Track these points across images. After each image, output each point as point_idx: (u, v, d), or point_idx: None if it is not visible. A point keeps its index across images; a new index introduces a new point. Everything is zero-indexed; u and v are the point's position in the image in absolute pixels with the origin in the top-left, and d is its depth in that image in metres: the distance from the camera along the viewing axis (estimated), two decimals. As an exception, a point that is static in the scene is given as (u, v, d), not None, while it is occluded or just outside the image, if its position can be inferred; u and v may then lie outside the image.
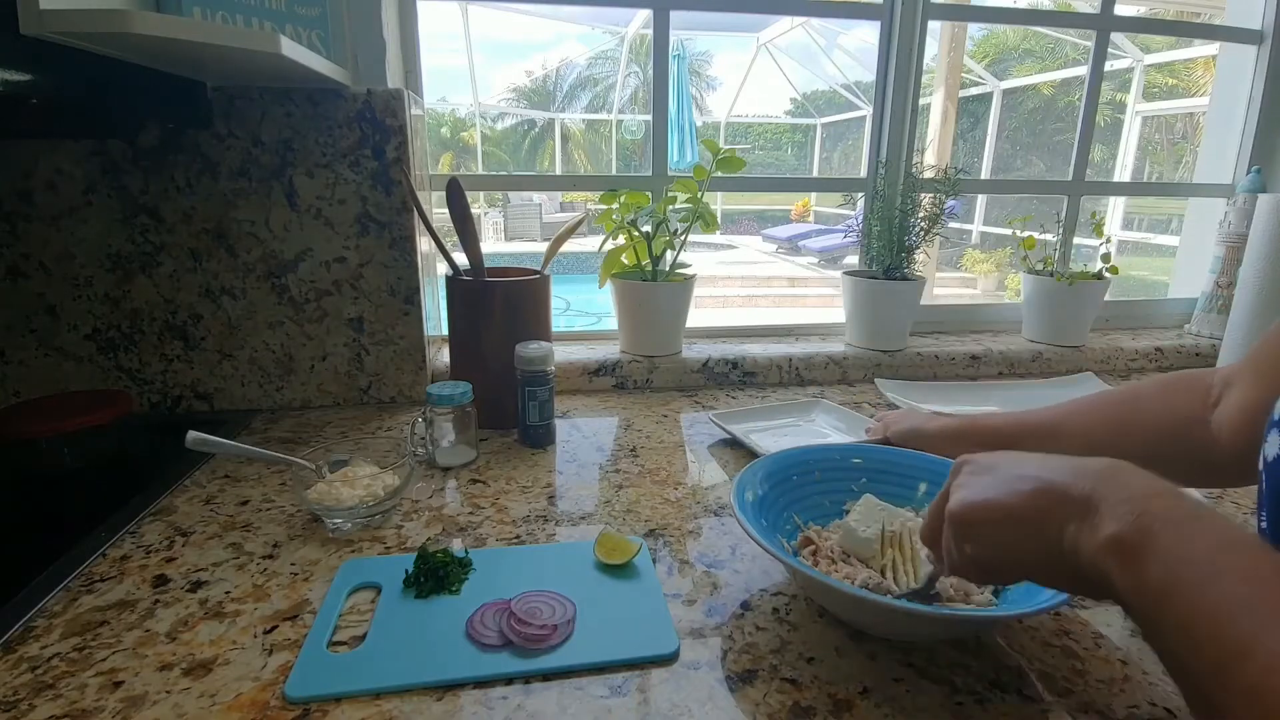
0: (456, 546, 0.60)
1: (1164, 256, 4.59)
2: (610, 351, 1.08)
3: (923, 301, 1.18)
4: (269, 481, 0.73)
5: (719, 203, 9.04)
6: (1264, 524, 0.37)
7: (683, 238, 1.06)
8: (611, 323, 1.12)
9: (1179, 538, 0.29)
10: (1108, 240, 1.21)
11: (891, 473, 0.64)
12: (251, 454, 0.65)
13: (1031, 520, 0.36)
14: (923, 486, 0.62)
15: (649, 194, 1.09)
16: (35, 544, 0.62)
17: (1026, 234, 1.22)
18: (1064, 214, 1.28)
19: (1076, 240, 1.31)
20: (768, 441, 0.84)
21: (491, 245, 8.18)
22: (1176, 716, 0.43)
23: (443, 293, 0.94)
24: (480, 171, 7.87)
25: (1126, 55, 5.76)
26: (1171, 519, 0.30)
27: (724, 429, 0.86)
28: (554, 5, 1.52)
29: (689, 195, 1.04)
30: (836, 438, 0.87)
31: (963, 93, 6.73)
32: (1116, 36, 2.42)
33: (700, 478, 0.76)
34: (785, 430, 0.89)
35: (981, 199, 6.64)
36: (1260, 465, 0.37)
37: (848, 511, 0.59)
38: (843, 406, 0.94)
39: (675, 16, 1.09)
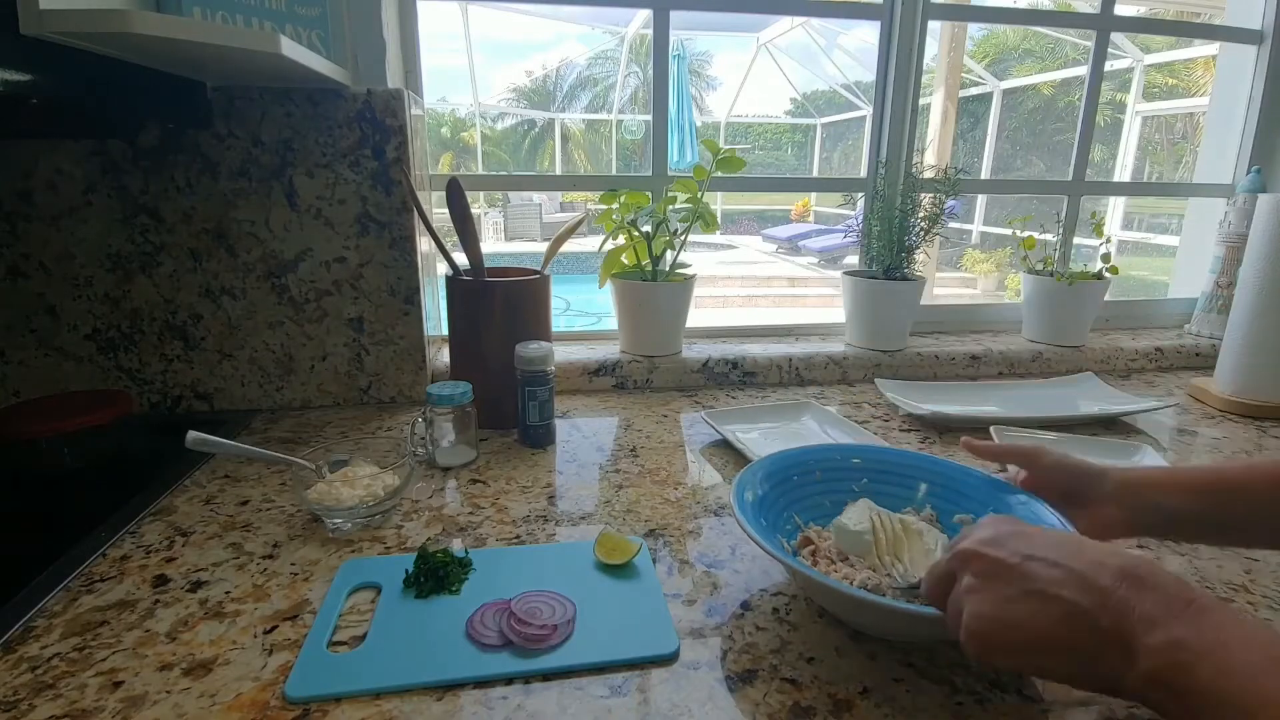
0: (456, 546, 0.60)
1: (1164, 256, 4.59)
2: (610, 351, 1.08)
3: (923, 301, 1.18)
4: (269, 481, 0.73)
5: (719, 203, 9.04)
6: None
7: (683, 238, 1.06)
8: (611, 323, 1.12)
9: (1217, 670, 0.29)
10: (1108, 240, 1.21)
11: (892, 473, 0.63)
12: (251, 454, 0.65)
13: (1061, 649, 0.34)
14: (923, 487, 0.62)
15: (649, 194, 1.09)
16: (35, 544, 0.62)
17: (1026, 234, 1.22)
18: (1064, 214, 1.28)
19: (1076, 240, 1.31)
20: (758, 440, 0.84)
21: (491, 245, 8.18)
22: (1176, 716, 0.43)
23: (443, 293, 0.94)
24: (480, 171, 7.87)
25: (1126, 55, 5.76)
26: (1205, 646, 0.30)
27: (715, 428, 0.86)
28: (554, 5, 1.52)
29: (689, 195, 1.04)
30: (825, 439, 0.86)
31: (963, 93, 6.73)
32: (1116, 36, 2.42)
33: (700, 478, 0.76)
34: (775, 432, 0.89)
35: (981, 199, 6.64)
36: None
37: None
38: (829, 409, 0.94)
39: (675, 16, 1.09)
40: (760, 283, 6.59)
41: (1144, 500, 0.51)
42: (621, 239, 1.04)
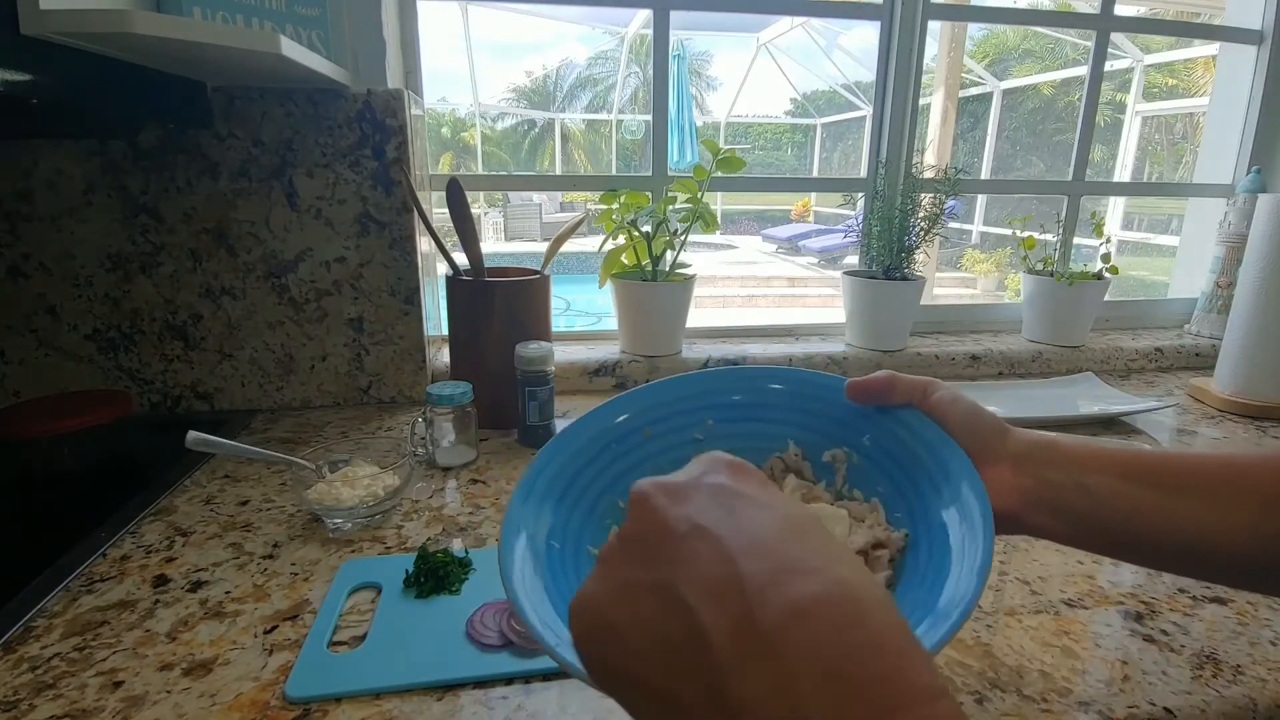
0: (456, 546, 0.60)
1: (1164, 256, 4.59)
2: (610, 351, 1.08)
3: (923, 301, 1.18)
4: (269, 481, 0.73)
5: (719, 203, 9.05)
6: None
7: (683, 238, 1.06)
8: (611, 323, 1.12)
9: None
10: (1108, 240, 1.21)
11: (740, 406, 0.46)
12: (251, 454, 0.65)
13: (653, 698, 0.21)
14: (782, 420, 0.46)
15: (649, 194, 1.09)
16: (35, 544, 0.62)
17: (1026, 234, 1.22)
18: (1064, 214, 1.28)
19: (1076, 240, 1.31)
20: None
21: (491, 245, 8.18)
22: (1176, 716, 0.43)
23: (443, 293, 0.94)
24: (480, 171, 7.87)
25: (1126, 55, 5.76)
26: None
27: None
28: (554, 5, 1.52)
29: (689, 195, 1.04)
30: None
31: (963, 93, 6.73)
32: (1116, 36, 2.43)
33: (700, 478, 0.76)
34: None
35: (981, 199, 6.65)
36: None
37: None
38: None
39: (675, 16, 1.09)
40: (760, 283, 6.59)
41: (1061, 473, 0.37)
42: (621, 239, 1.04)
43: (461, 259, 0.89)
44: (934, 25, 1.36)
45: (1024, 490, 0.37)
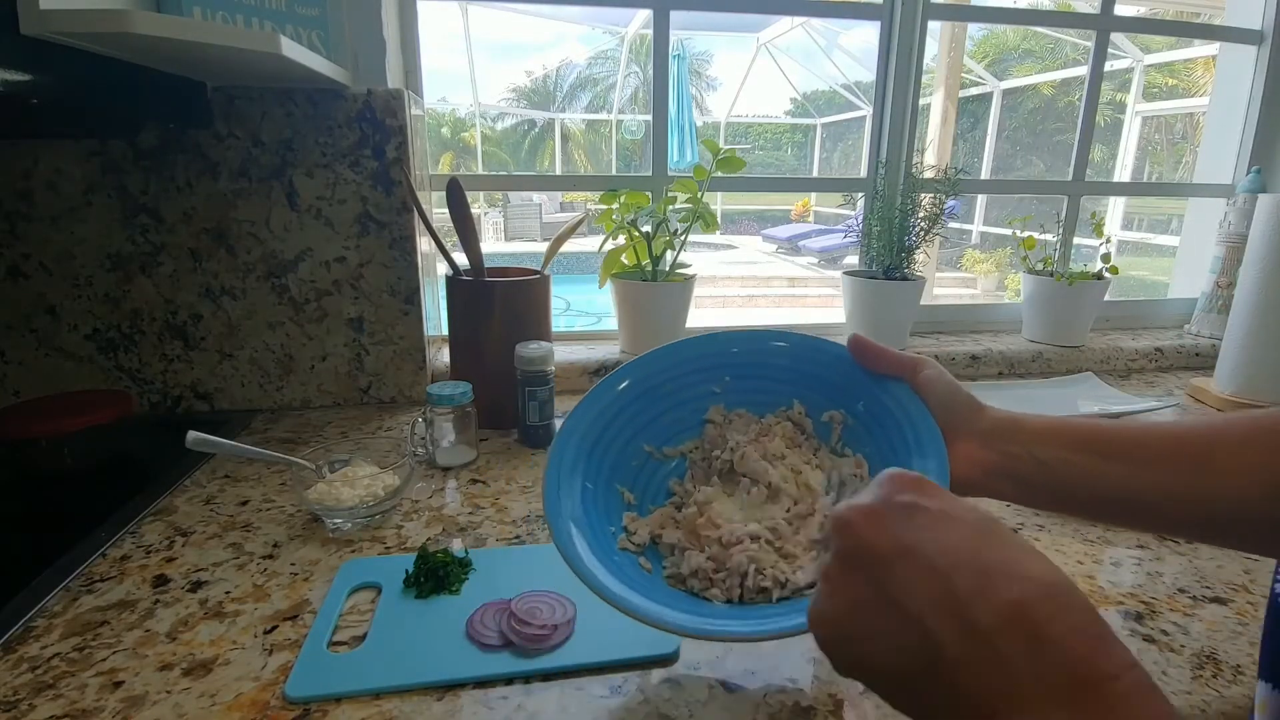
0: (456, 546, 0.60)
1: (1164, 256, 4.59)
2: (610, 351, 1.08)
3: (923, 301, 1.18)
4: (269, 481, 0.73)
5: (719, 203, 9.05)
6: None
7: (683, 238, 1.06)
8: (611, 323, 1.12)
9: None
10: (1108, 240, 1.21)
11: (754, 363, 0.52)
12: (251, 454, 0.65)
13: (907, 689, 0.26)
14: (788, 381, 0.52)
15: (649, 194, 1.09)
16: (35, 544, 0.62)
17: (1026, 234, 1.22)
18: (1064, 214, 1.28)
19: (1076, 240, 1.31)
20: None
21: (491, 245, 8.18)
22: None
23: (443, 293, 0.94)
24: (480, 171, 7.87)
25: (1126, 55, 5.77)
26: None
27: None
28: (554, 5, 1.52)
29: (689, 195, 1.04)
30: None
31: (963, 93, 6.73)
32: (1116, 36, 2.43)
33: (700, 478, 0.76)
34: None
35: (981, 199, 6.65)
36: None
37: (708, 421, 0.51)
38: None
39: (675, 16, 1.09)
40: (760, 283, 6.59)
41: (1020, 447, 0.41)
42: (621, 239, 1.04)
43: (461, 259, 0.89)
44: (934, 25, 1.36)
45: (986, 463, 0.42)
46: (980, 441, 0.43)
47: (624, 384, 0.51)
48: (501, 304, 0.85)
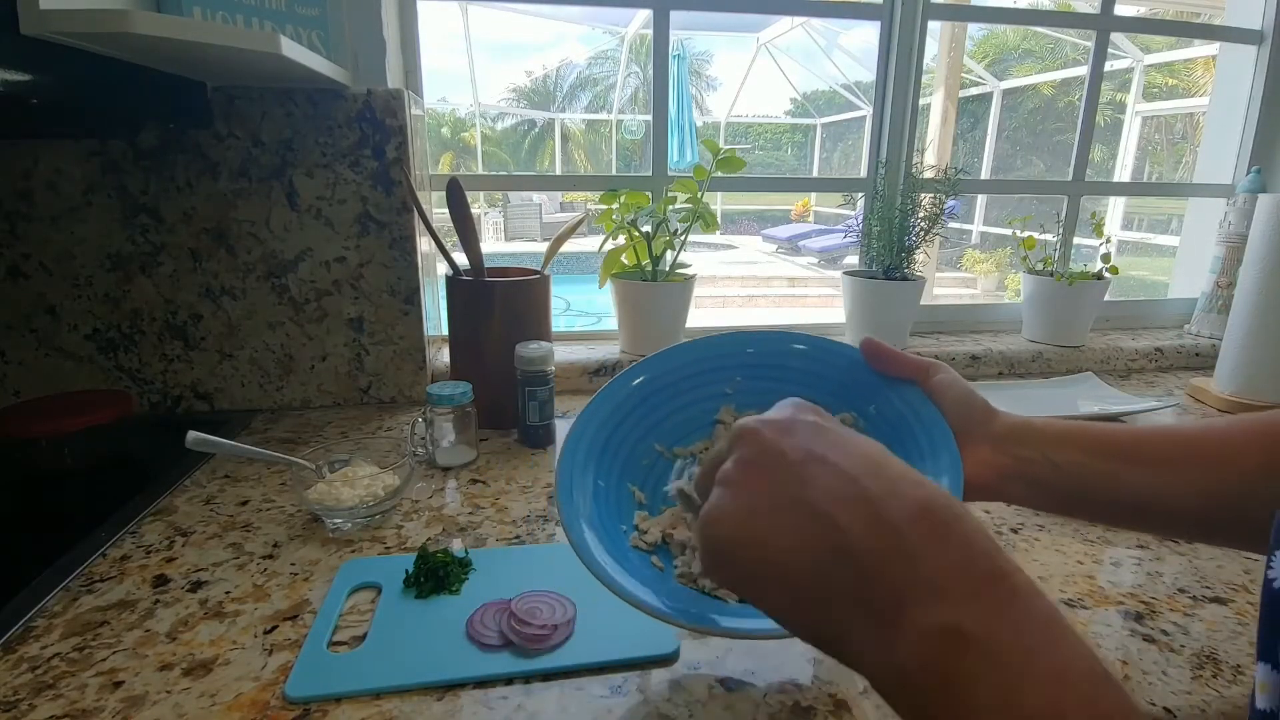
0: (456, 546, 0.60)
1: (1164, 256, 4.59)
2: (610, 351, 1.08)
3: (923, 301, 1.18)
4: (269, 481, 0.73)
5: (719, 203, 9.06)
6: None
7: (683, 238, 1.06)
8: (611, 323, 1.12)
9: (1002, 692, 0.21)
10: (1108, 240, 1.21)
11: (766, 364, 0.52)
12: (251, 454, 0.65)
13: (803, 586, 0.26)
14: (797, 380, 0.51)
15: (649, 194, 1.09)
16: (35, 544, 0.62)
17: (1026, 234, 1.22)
18: (1064, 214, 1.28)
19: (1076, 240, 1.31)
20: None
21: (491, 245, 8.18)
22: (1176, 716, 0.43)
23: (443, 293, 0.94)
24: (480, 171, 7.87)
25: (1126, 55, 5.77)
26: (999, 649, 0.22)
27: None
28: (554, 5, 1.52)
29: (689, 195, 1.04)
30: None
31: (963, 93, 6.74)
32: (1116, 36, 2.43)
33: (700, 478, 0.76)
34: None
35: (981, 199, 6.65)
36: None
37: (719, 422, 0.51)
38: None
39: (675, 16, 1.09)
40: (760, 283, 6.60)
41: (1033, 451, 0.41)
42: (621, 239, 1.04)
43: (461, 259, 0.89)
44: (934, 25, 1.36)
45: (1000, 467, 0.42)
46: (994, 445, 0.43)
47: (638, 380, 0.51)
48: (501, 304, 0.85)
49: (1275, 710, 0.29)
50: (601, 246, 1.05)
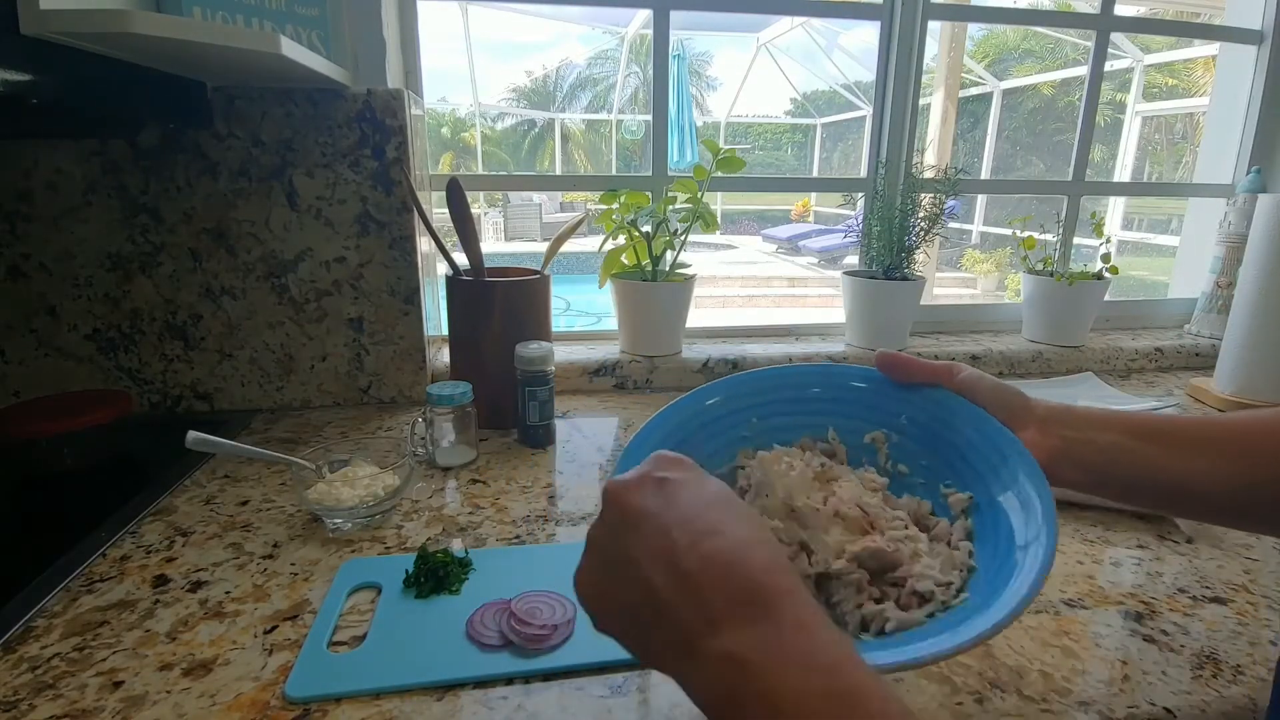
0: (456, 546, 0.60)
1: (1164, 256, 4.59)
2: (610, 351, 1.08)
3: (923, 301, 1.18)
4: (269, 481, 0.73)
5: (719, 203, 9.05)
6: None
7: (683, 238, 1.06)
8: (611, 323, 1.12)
9: (760, 696, 0.24)
10: (1108, 240, 1.21)
11: (781, 401, 0.50)
12: (251, 454, 0.65)
13: (644, 629, 0.30)
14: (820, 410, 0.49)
15: (649, 194, 1.09)
16: (35, 544, 0.62)
17: (1026, 234, 1.22)
18: (1064, 214, 1.28)
19: (1076, 240, 1.31)
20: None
21: (491, 245, 8.18)
22: (1176, 716, 0.43)
23: (443, 293, 0.94)
24: (480, 171, 7.87)
25: (1126, 55, 5.77)
26: (757, 662, 0.25)
27: None
28: (554, 5, 1.52)
29: (689, 195, 1.04)
30: None
31: (963, 93, 6.74)
32: (1116, 36, 2.43)
33: (700, 478, 0.76)
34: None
35: (981, 199, 6.64)
36: None
37: (740, 468, 0.48)
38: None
39: (675, 16, 1.09)
40: (760, 283, 6.59)
41: (1076, 432, 0.42)
42: (621, 239, 1.04)
43: (461, 259, 0.89)
44: (934, 25, 1.36)
45: (1050, 448, 0.42)
46: (1039, 428, 0.43)
47: (662, 431, 0.48)
48: (501, 304, 0.85)
49: None
50: (601, 246, 1.05)
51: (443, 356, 1.02)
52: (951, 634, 0.34)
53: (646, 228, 1.04)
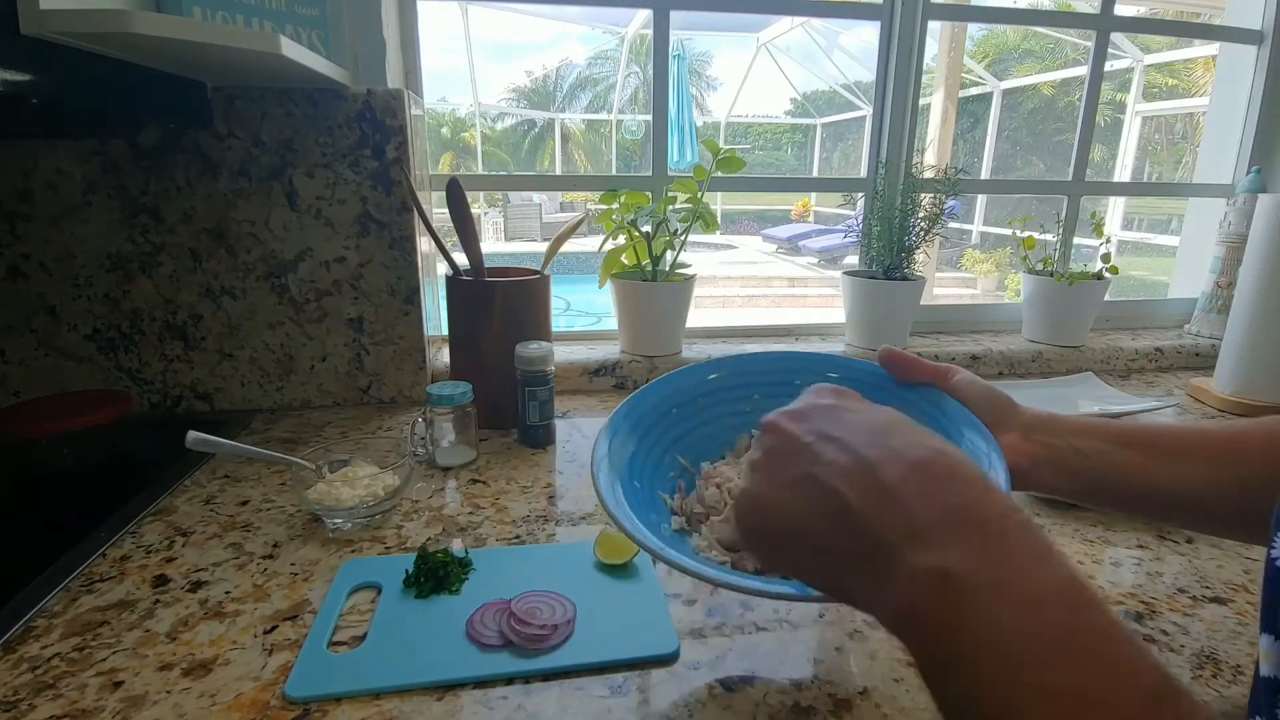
0: (456, 546, 0.60)
1: (1164, 256, 4.59)
2: (610, 351, 1.08)
3: (923, 301, 1.18)
4: (269, 481, 0.73)
5: (719, 203, 9.05)
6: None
7: (683, 238, 1.06)
8: (611, 323, 1.12)
9: (987, 622, 0.23)
10: (1108, 240, 1.21)
11: (782, 383, 0.54)
12: (251, 454, 0.65)
13: (821, 550, 0.29)
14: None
15: (649, 194, 1.09)
16: (35, 544, 0.62)
17: (1026, 234, 1.22)
18: (1064, 214, 1.28)
19: (1076, 240, 1.31)
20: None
21: (491, 245, 8.18)
22: (1176, 716, 0.43)
23: (443, 293, 0.94)
24: (480, 171, 7.87)
25: (1126, 55, 5.77)
26: (982, 585, 0.23)
27: None
28: (554, 5, 1.52)
29: (689, 195, 1.04)
30: None
31: (963, 93, 6.74)
32: (1116, 36, 2.43)
33: (700, 478, 0.76)
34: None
35: (981, 199, 6.65)
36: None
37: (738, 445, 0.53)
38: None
39: (675, 16, 1.09)
40: (760, 283, 6.59)
41: (1059, 439, 0.44)
42: (621, 239, 1.04)
43: (461, 259, 0.89)
44: (934, 25, 1.36)
45: (1031, 454, 0.44)
46: (1022, 434, 0.45)
47: (664, 393, 0.54)
48: (501, 304, 0.85)
49: (1278, 677, 0.30)
50: (601, 246, 1.05)
51: (443, 356, 1.02)
52: None
53: (646, 228, 1.04)
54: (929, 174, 1.12)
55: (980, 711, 0.22)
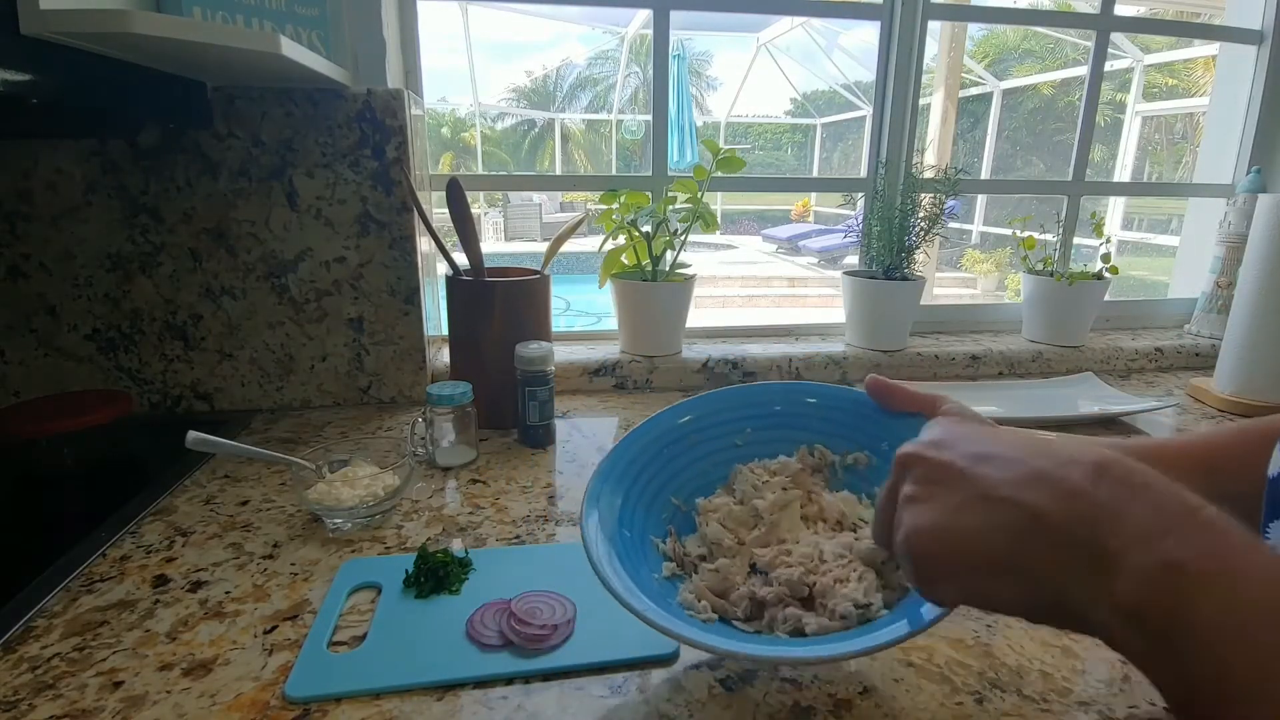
0: (456, 546, 0.60)
1: (1164, 256, 4.59)
2: (610, 351, 1.08)
3: (923, 301, 1.18)
4: (269, 481, 0.73)
5: (719, 203, 9.05)
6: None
7: (683, 238, 1.06)
8: (611, 323, 1.12)
9: (1222, 605, 0.23)
10: (1108, 240, 1.21)
11: (772, 416, 0.54)
12: (251, 454, 0.65)
13: (1018, 568, 0.28)
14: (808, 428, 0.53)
15: (649, 194, 1.09)
16: (35, 544, 0.62)
17: (1026, 234, 1.22)
18: (1064, 214, 1.28)
19: (1076, 240, 1.31)
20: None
21: (491, 245, 8.18)
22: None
23: (443, 293, 0.94)
24: (480, 171, 7.86)
25: (1126, 55, 5.77)
26: (1210, 572, 0.24)
27: None
28: (554, 5, 1.52)
29: (689, 195, 1.04)
30: None
31: (963, 93, 6.74)
32: (1116, 36, 2.43)
33: (700, 478, 0.76)
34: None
35: (981, 199, 6.64)
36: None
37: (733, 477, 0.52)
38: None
39: (675, 16, 1.09)
40: (760, 283, 6.59)
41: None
42: (621, 239, 1.04)
43: (461, 259, 0.89)
44: (934, 25, 1.36)
45: None
46: None
47: (649, 437, 0.52)
48: (501, 304, 0.85)
49: None
50: (601, 246, 1.05)
51: (443, 356, 1.02)
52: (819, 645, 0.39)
53: (646, 228, 1.04)
54: (929, 174, 1.12)
55: (1220, 689, 0.23)
